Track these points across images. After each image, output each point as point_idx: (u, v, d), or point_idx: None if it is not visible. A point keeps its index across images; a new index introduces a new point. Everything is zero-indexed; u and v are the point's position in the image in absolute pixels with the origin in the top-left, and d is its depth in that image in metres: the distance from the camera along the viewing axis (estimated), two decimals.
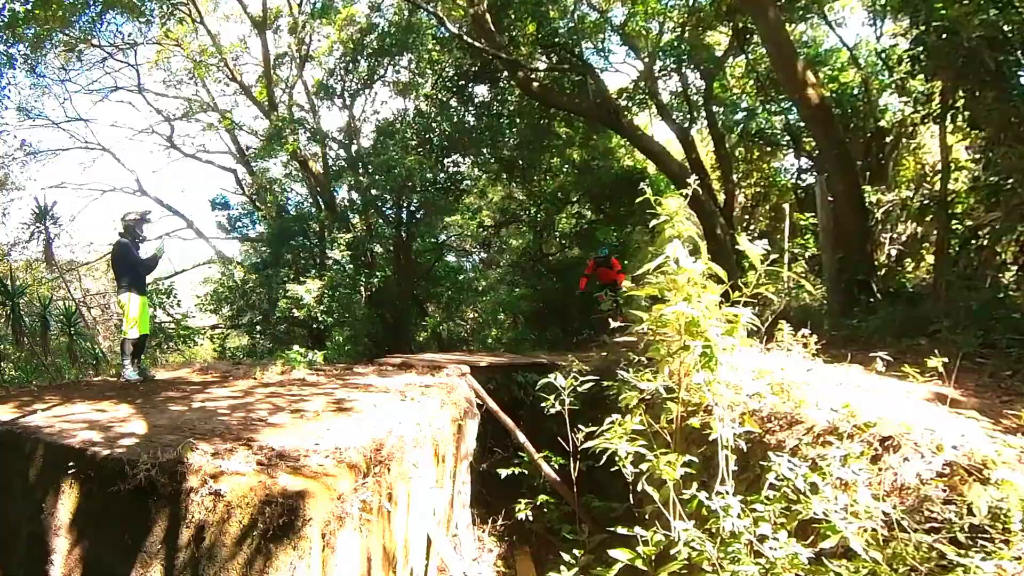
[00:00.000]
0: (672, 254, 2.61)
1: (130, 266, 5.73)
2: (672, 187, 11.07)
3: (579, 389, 3.89)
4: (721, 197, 11.93)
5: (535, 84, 11.20)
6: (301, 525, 2.65)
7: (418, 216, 12.09)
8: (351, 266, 11.80)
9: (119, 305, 6.10)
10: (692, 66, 11.62)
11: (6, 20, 11.26)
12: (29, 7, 11.04)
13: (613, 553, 2.58)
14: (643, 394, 3.05)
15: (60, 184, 20.49)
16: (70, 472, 3.22)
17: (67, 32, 12.73)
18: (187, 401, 4.70)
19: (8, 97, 13.81)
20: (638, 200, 3.05)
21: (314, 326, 11.37)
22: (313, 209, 13.01)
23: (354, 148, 12.51)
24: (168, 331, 12.19)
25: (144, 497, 2.89)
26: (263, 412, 4.17)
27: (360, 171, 11.66)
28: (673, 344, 2.82)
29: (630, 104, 11.84)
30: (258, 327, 12.41)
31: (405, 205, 12.02)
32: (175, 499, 2.82)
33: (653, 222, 2.81)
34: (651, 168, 12.59)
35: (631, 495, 3.06)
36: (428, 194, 11.56)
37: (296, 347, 9.77)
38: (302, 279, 11.36)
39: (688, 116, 12.10)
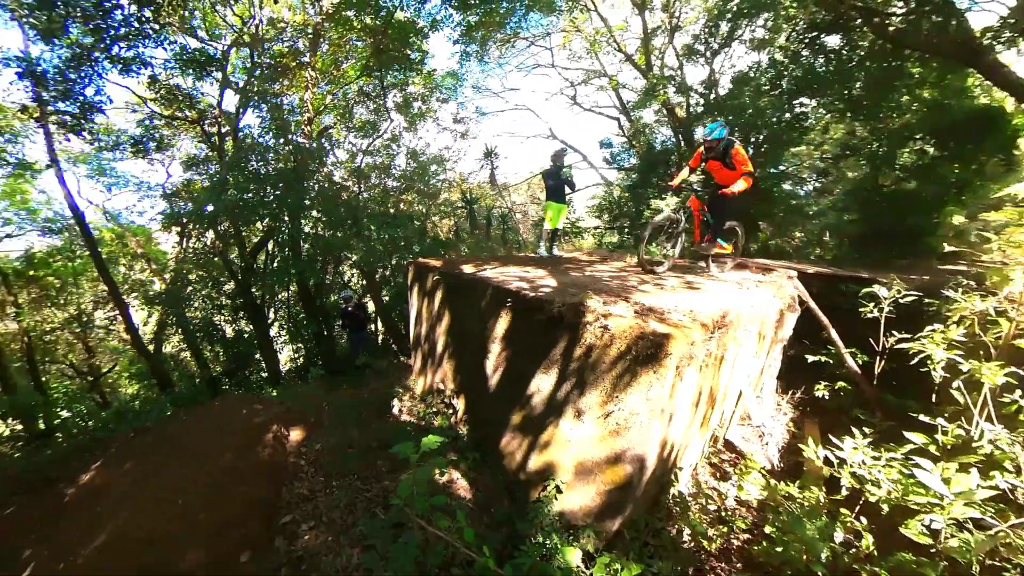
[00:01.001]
0: None
1: (552, 184, 7.54)
2: None
3: (900, 301, 3.98)
4: None
5: (890, 28, 11.55)
6: (662, 357, 3.08)
7: (763, 149, 14.08)
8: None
9: (543, 209, 7.89)
10: None
11: (464, 30, 15.63)
12: (478, 18, 15.34)
13: (908, 435, 2.51)
14: (969, 312, 3.05)
15: (498, 134, 30.68)
16: (507, 305, 4.09)
17: (502, 32, 17.15)
18: (580, 271, 5.71)
19: (465, 79, 19.99)
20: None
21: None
22: (674, 145, 16.30)
23: (712, 96, 14.89)
24: (566, 229, 17.06)
25: (553, 325, 3.56)
26: (633, 283, 4.85)
27: (716, 114, 13.80)
28: (1019, 267, 2.72)
29: (994, 43, 11.89)
30: (627, 229, 16.40)
31: (752, 140, 14.02)
32: (574, 328, 3.43)
33: None
34: (1009, 107, 12.42)
35: (933, 396, 3.06)
36: (774, 130, 13.28)
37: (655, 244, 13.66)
38: (662, 196, 14.30)
39: None
